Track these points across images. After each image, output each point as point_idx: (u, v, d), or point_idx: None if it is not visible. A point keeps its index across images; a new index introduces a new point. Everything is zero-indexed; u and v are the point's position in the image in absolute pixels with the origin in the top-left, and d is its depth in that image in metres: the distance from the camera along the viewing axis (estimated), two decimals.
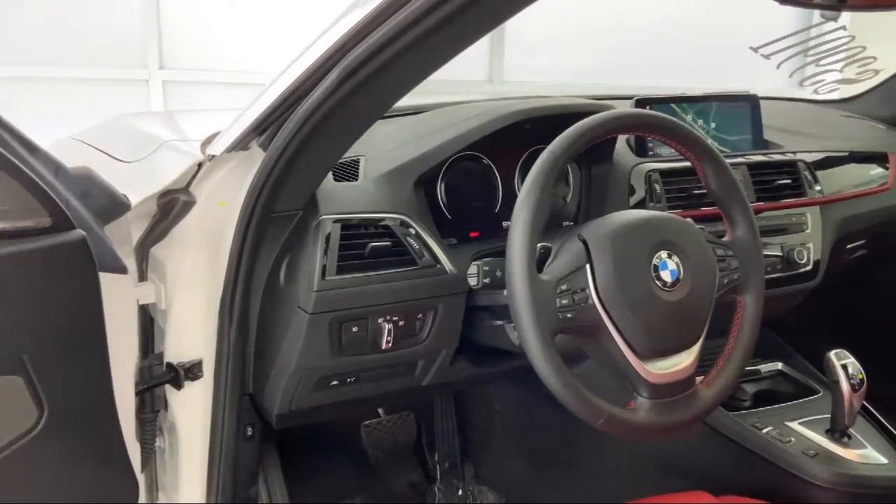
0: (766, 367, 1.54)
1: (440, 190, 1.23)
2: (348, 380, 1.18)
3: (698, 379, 1.04)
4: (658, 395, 0.99)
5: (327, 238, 1.07)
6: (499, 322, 1.16)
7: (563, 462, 1.64)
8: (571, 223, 1.36)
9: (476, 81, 4.13)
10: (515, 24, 4.05)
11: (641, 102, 1.44)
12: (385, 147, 1.24)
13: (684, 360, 1.00)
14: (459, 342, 1.23)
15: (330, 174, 1.15)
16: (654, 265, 0.99)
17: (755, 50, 1.59)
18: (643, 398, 0.98)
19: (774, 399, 1.44)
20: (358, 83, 0.87)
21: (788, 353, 1.57)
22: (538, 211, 0.95)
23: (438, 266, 1.15)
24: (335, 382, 1.18)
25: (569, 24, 4.06)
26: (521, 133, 1.22)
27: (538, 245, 1.01)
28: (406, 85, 0.92)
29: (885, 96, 1.92)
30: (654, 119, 1.06)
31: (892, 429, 1.31)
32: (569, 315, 0.95)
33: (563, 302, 0.94)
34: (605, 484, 1.56)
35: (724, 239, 1.11)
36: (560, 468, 1.65)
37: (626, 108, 1.07)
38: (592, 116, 1.00)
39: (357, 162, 1.20)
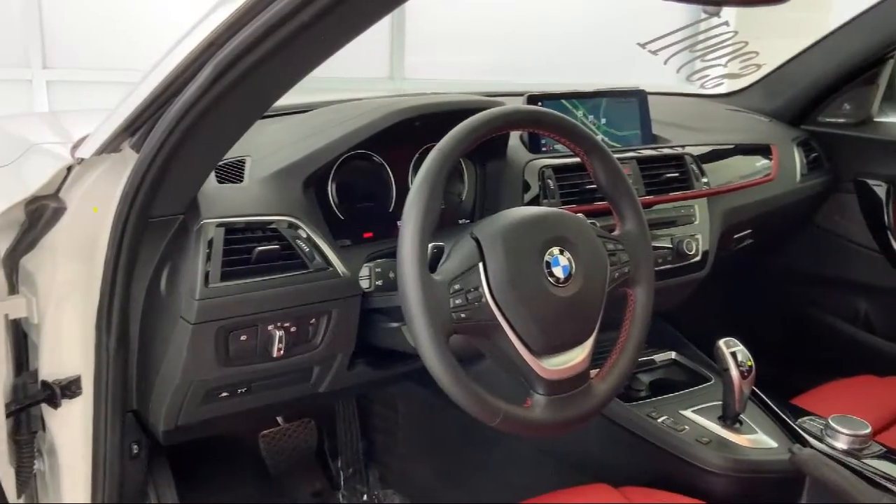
0: (660, 357, 1.58)
1: (331, 190, 1.19)
2: (239, 390, 1.13)
3: (594, 372, 1.05)
4: (554, 391, 0.98)
5: (210, 243, 1.02)
6: (395, 324, 1.13)
7: (468, 461, 1.64)
8: (468, 221, 1.35)
9: (378, 79, 4.09)
10: (416, 22, 4.05)
11: (533, 99, 1.44)
12: (272, 146, 1.19)
13: (578, 355, 1.00)
14: (356, 346, 1.20)
15: (213, 175, 1.09)
16: (547, 261, 0.98)
17: (643, 46, 1.62)
18: (539, 395, 0.98)
19: (669, 388, 1.47)
20: (234, 80, 0.83)
21: (681, 342, 1.61)
22: (429, 210, 0.94)
23: (330, 269, 1.11)
24: (225, 394, 1.13)
25: (472, 21, 4.08)
26: (413, 130, 1.20)
27: (431, 245, 0.99)
28: (286, 82, 0.88)
29: (768, 90, 1.99)
30: (543, 115, 1.06)
31: (780, 413, 1.35)
32: (463, 315, 0.93)
33: (457, 302, 0.93)
34: (509, 480, 1.56)
35: (615, 233, 1.12)
36: (464, 467, 1.64)
37: (517, 104, 1.07)
38: (481, 114, 0.99)
39: (242, 162, 1.15)
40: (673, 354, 1.60)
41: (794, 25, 2.54)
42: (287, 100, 0.96)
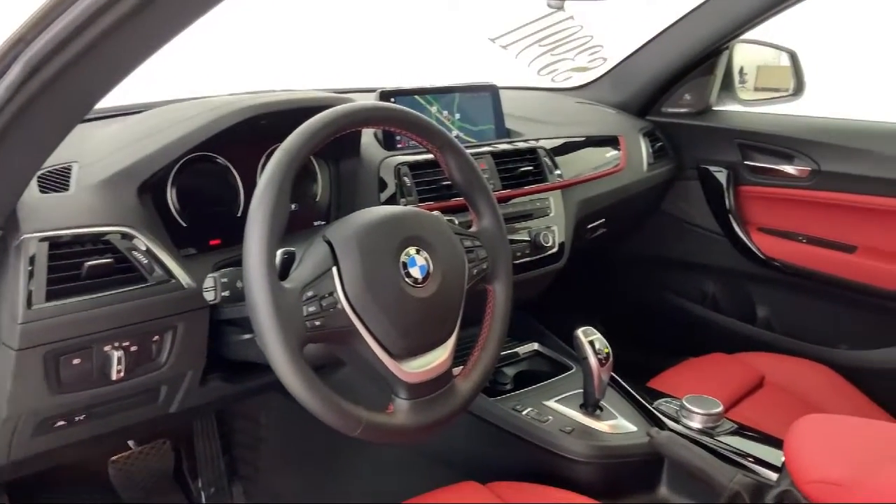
0: (523, 349, 1.60)
1: (171, 196, 1.11)
2: (77, 418, 1.04)
3: (457, 370, 1.04)
4: (416, 394, 0.96)
5: (31, 260, 0.92)
6: (248, 336, 1.07)
7: (336, 469, 1.59)
8: (323, 222, 1.30)
9: None
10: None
11: (385, 95, 1.41)
12: (103, 151, 1.10)
13: (440, 356, 0.99)
14: (208, 360, 1.13)
15: (34, 184, 0.99)
16: (403, 262, 0.96)
17: (493, 41, 1.63)
18: (402, 400, 0.96)
19: (533, 379, 1.48)
20: (47, 79, 0.74)
21: (544, 333, 1.63)
22: (275, 214, 0.88)
23: (173, 281, 1.03)
24: (61, 423, 1.03)
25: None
26: (259, 130, 1.14)
27: (280, 250, 0.94)
28: (107, 81, 0.80)
29: (614, 83, 2.06)
30: (393, 112, 1.03)
31: (637, 396, 1.39)
32: (317, 322, 0.89)
33: (311, 309, 0.88)
34: (379, 485, 1.53)
35: (472, 230, 1.11)
36: (333, 475, 1.60)
37: (366, 101, 1.03)
38: (328, 111, 0.95)
39: (68, 169, 1.05)
40: (536, 346, 1.61)
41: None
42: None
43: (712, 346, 1.77)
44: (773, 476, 1.16)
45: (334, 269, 0.92)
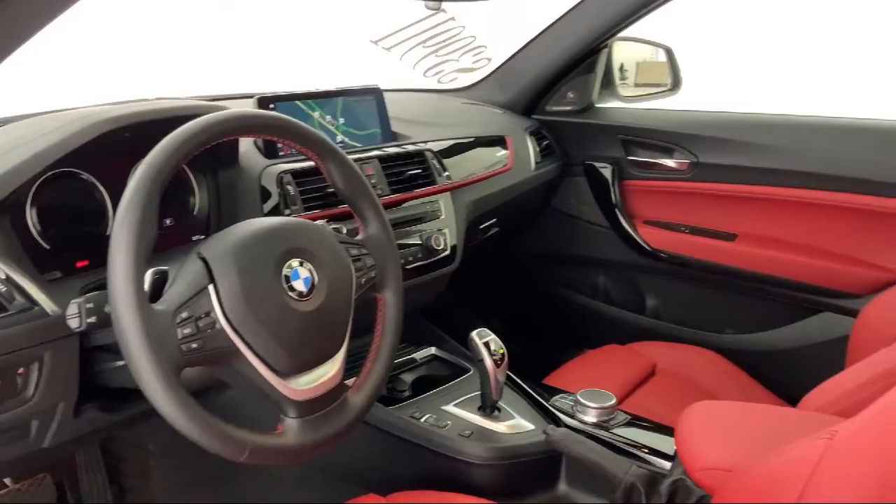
0: (420, 354, 1.58)
1: (31, 217, 1.03)
2: None
3: (351, 381, 1.01)
4: (306, 412, 0.93)
5: None
6: (122, 362, 1.01)
7: (231, 491, 1.53)
8: (203, 237, 1.24)
9: None
10: None
11: (263, 101, 1.36)
12: None
13: (329, 370, 0.96)
14: (82, 389, 1.05)
15: None
16: (286, 275, 0.92)
17: (376, 43, 1.61)
18: (291, 419, 0.92)
19: (432, 384, 1.47)
20: None
21: (440, 336, 1.62)
22: (141, 232, 0.83)
23: (36, 308, 0.96)
24: None
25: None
26: (125, 142, 1.07)
27: (151, 270, 0.89)
28: None
29: (499, 83, 2.07)
30: (265, 119, 0.99)
31: (534, 394, 1.39)
32: (194, 345, 0.84)
33: (186, 331, 0.84)
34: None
35: (358, 237, 1.08)
36: (228, 497, 1.53)
37: (238, 109, 0.98)
38: (195, 122, 0.90)
39: None
40: (433, 350, 1.60)
41: None
42: None
43: (607, 337, 1.81)
44: (667, 465, 1.19)
45: (210, 287, 0.87)
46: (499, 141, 1.83)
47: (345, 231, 1.28)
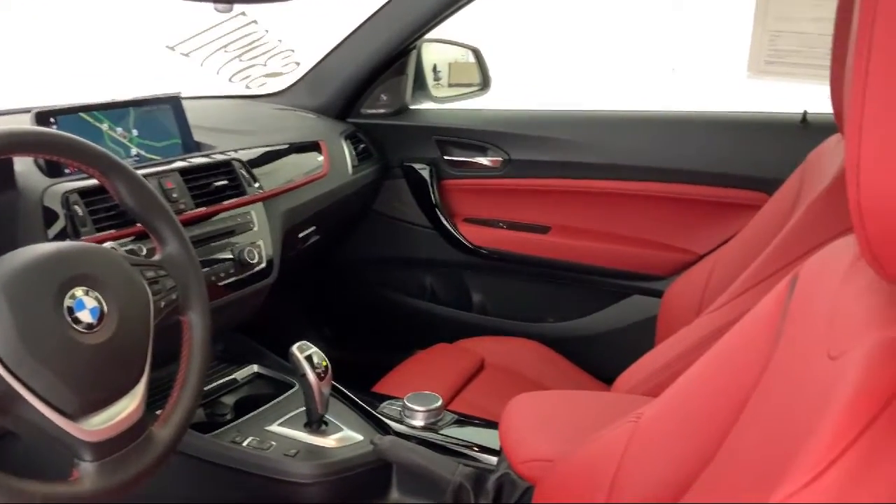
0: (241, 374, 1.50)
1: None
2: None
3: (160, 412, 0.94)
4: (104, 454, 0.85)
5: None
6: None
7: None
8: None
9: None
10: None
11: (42, 116, 1.24)
12: None
13: (128, 406, 0.88)
14: None
15: None
16: (68, 307, 0.84)
17: (172, 48, 1.52)
18: (87, 463, 0.84)
19: (256, 404, 1.40)
20: None
21: (262, 353, 1.55)
22: None
23: None
24: None
25: None
26: None
27: None
28: None
29: (310, 87, 2.02)
30: (35, 136, 0.90)
31: (362, 403, 1.37)
32: None
33: None
34: None
35: (155, 257, 1.01)
36: None
37: (17, 125, 0.89)
38: None
39: None
40: (255, 368, 1.53)
41: None
42: None
43: (437, 337, 1.81)
44: (495, 461, 1.20)
45: None
46: (313, 146, 1.79)
47: (145, 251, 1.19)
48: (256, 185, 1.50)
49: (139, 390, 0.90)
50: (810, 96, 1.50)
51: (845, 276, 0.58)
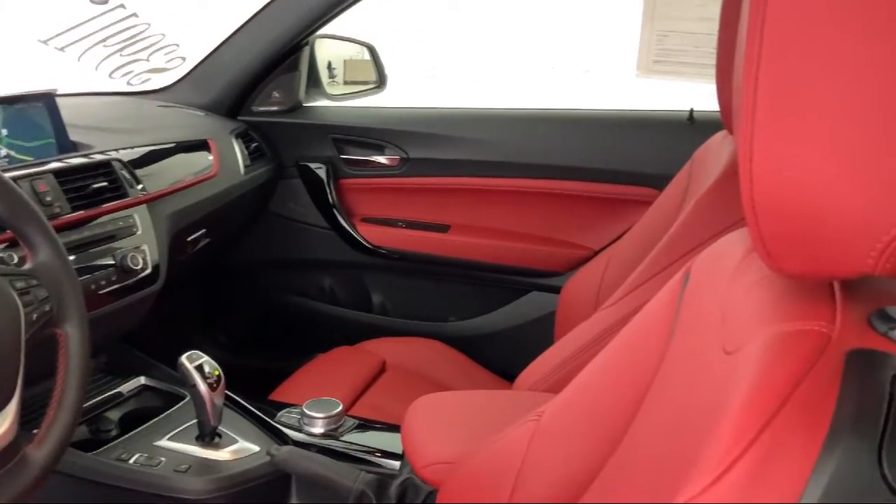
0: (128, 386, 1.42)
1: None
2: None
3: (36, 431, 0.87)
4: None
5: None
6: None
7: None
8: None
9: None
10: None
11: None
12: None
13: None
14: None
15: None
16: None
17: (45, 42, 1.42)
18: None
19: (144, 418, 1.33)
20: None
21: (150, 364, 1.47)
22: None
23: None
24: None
25: None
26: None
27: None
28: None
29: (198, 83, 1.93)
30: None
31: (258, 412, 1.31)
32: None
33: None
34: None
35: (26, 267, 0.93)
36: None
37: None
38: None
39: None
40: (143, 380, 1.45)
41: None
42: None
43: (337, 340, 1.78)
44: (398, 465, 1.18)
45: None
46: (201, 145, 1.71)
47: (16, 259, 1.10)
48: (139, 186, 1.42)
49: (10, 411, 0.83)
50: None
51: (737, 270, 0.59)
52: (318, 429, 1.26)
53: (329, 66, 2.08)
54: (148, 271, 1.37)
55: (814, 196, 0.40)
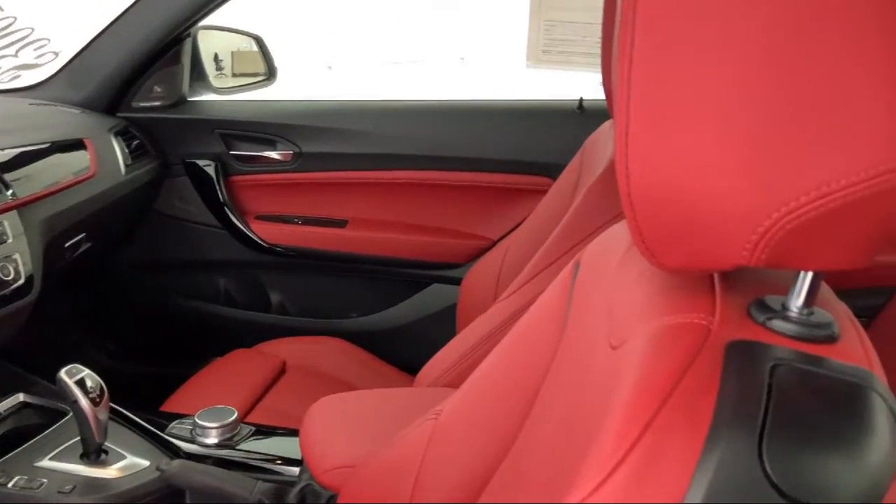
0: (5, 405, 1.33)
1: None
2: None
3: None
4: None
5: None
6: None
7: None
8: None
9: None
10: None
11: None
12: None
13: None
14: None
15: None
16: None
17: None
18: None
19: (24, 438, 1.24)
20: None
21: (29, 379, 1.38)
22: None
23: None
24: None
25: None
26: None
27: None
28: None
29: (72, 79, 1.82)
30: None
31: (146, 425, 1.25)
32: None
33: None
34: None
35: None
36: None
37: None
38: None
39: None
40: (21, 396, 1.36)
41: None
42: None
43: (235, 342, 1.72)
44: (297, 472, 1.14)
45: None
46: (77, 145, 1.61)
47: None
48: (9, 192, 1.32)
49: None
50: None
51: (621, 262, 0.59)
52: (213, 439, 1.21)
53: (216, 59, 2.00)
54: (21, 282, 1.28)
55: (689, 189, 0.40)
